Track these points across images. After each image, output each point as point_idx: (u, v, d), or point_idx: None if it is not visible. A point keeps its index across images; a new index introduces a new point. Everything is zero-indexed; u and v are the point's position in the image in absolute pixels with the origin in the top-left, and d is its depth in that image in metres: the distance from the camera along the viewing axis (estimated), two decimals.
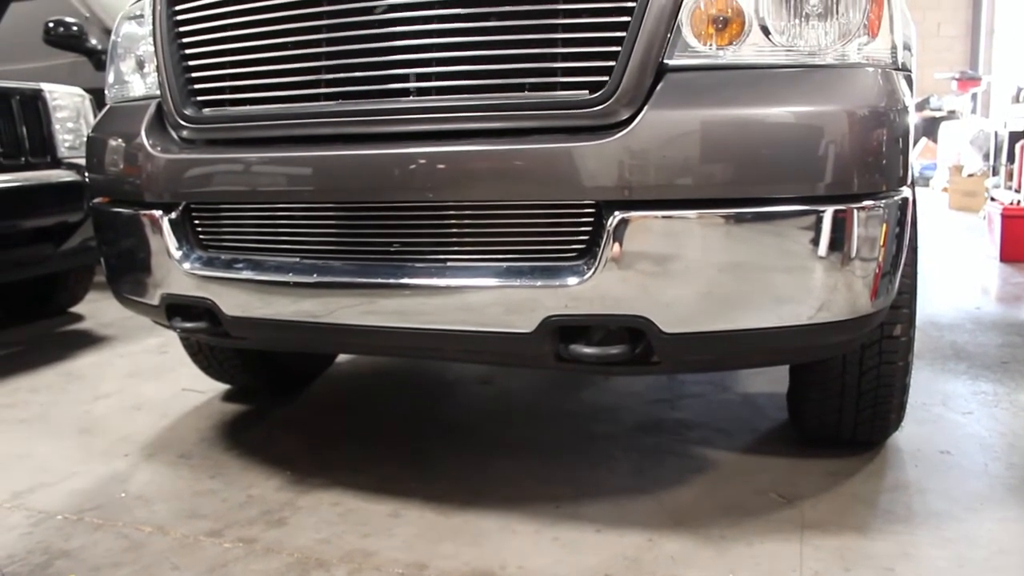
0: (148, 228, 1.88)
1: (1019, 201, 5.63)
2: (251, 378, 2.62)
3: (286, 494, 1.94)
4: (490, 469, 2.06)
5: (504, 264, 1.59)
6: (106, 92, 2.12)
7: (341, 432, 2.36)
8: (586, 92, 1.50)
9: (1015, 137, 7.22)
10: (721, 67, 1.50)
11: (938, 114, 11.09)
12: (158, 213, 1.86)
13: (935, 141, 10.40)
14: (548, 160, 1.50)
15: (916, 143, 9.86)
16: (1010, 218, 5.08)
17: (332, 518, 1.82)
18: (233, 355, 2.47)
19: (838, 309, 1.51)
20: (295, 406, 2.61)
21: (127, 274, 2.00)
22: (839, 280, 1.49)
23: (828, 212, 1.45)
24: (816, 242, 1.46)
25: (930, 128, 10.74)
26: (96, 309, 4.11)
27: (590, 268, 1.51)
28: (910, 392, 2.02)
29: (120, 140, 1.94)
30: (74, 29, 4.48)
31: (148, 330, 3.54)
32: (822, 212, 1.45)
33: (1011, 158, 7.23)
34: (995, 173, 7.93)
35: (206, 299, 1.83)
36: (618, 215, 1.48)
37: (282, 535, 1.74)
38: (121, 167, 1.94)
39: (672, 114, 1.46)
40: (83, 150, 2.23)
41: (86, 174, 2.15)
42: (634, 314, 1.52)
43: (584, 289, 1.51)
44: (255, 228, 1.82)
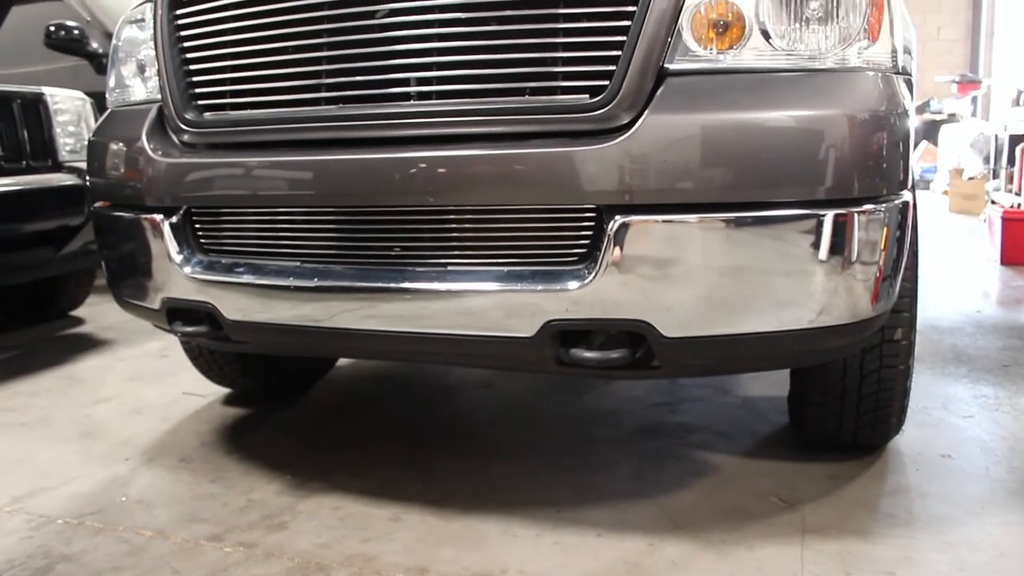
0: (149, 232, 1.88)
1: (1019, 204, 5.63)
2: (252, 382, 2.62)
3: (287, 498, 1.94)
4: (491, 473, 2.06)
5: (505, 268, 1.59)
6: (107, 96, 2.12)
7: (342, 436, 2.36)
8: (587, 96, 1.50)
9: (1015, 140, 7.20)
10: (721, 71, 1.51)
11: (938, 117, 11.08)
12: (159, 217, 1.86)
13: (935, 144, 10.39)
14: (549, 164, 1.50)
15: (916, 146, 9.86)
16: (1010, 221, 5.08)
17: (333, 522, 1.81)
18: (234, 359, 2.48)
19: (839, 313, 1.51)
20: (296, 410, 2.61)
21: (128, 278, 2.00)
22: (840, 284, 1.49)
23: (829, 216, 1.45)
24: (817, 246, 1.46)
25: (930, 131, 10.74)
26: (97, 313, 4.11)
27: (591, 272, 1.51)
28: (911, 396, 2.02)
29: (121, 144, 1.94)
30: (75, 33, 4.48)
31: (149, 334, 3.54)
32: (823, 216, 1.45)
33: (1011, 161, 7.22)
34: (995, 176, 7.91)
35: (207, 303, 1.83)
36: (619, 219, 1.48)
37: (283, 539, 1.74)
38: (122, 171, 1.94)
39: (673, 118, 1.46)
40: (84, 154, 2.23)
41: (87, 178, 2.15)
42: (635, 318, 1.52)
43: (585, 293, 1.51)
44: (256, 232, 1.83)
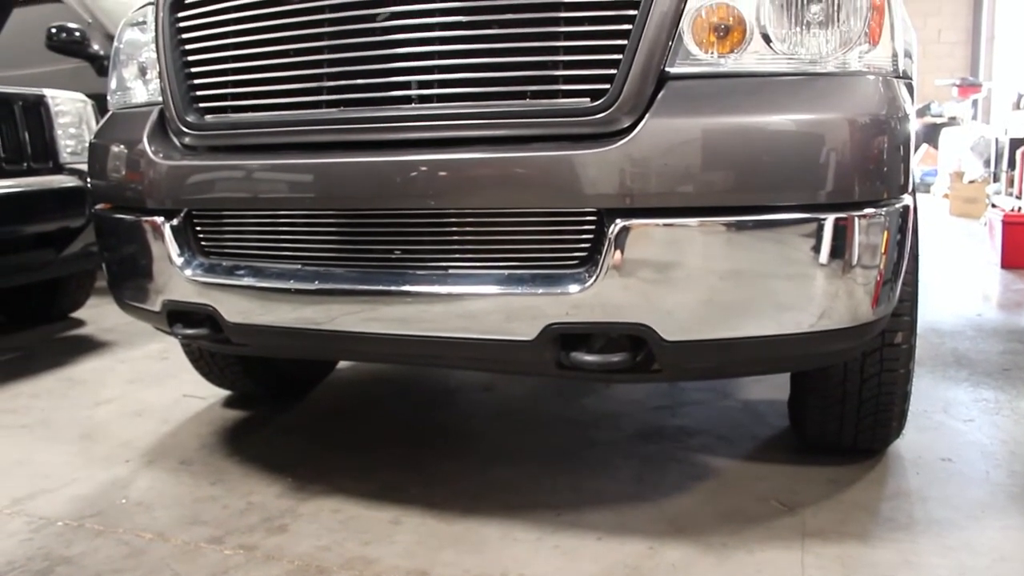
0: (150, 234, 1.89)
1: (1020, 208, 5.63)
2: (252, 384, 2.62)
3: (287, 501, 1.94)
4: (491, 476, 2.06)
5: (505, 272, 1.59)
6: (108, 98, 2.13)
7: (342, 439, 2.36)
8: (588, 100, 1.51)
9: (1016, 143, 7.21)
10: (722, 75, 1.51)
11: (939, 120, 11.09)
12: (160, 219, 1.87)
13: (936, 147, 10.39)
14: (549, 168, 1.51)
15: (917, 149, 9.83)
16: (1011, 224, 5.08)
17: (333, 525, 1.81)
18: (234, 361, 2.48)
19: (839, 317, 1.51)
20: (296, 412, 2.61)
21: (129, 280, 2.00)
22: (840, 288, 1.49)
23: (829, 220, 1.45)
24: (817, 250, 1.46)
25: (931, 134, 10.74)
26: (97, 315, 4.11)
27: (591, 276, 1.51)
28: (911, 399, 2.02)
29: (122, 146, 1.94)
30: (76, 35, 4.49)
31: (149, 336, 3.54)
32: (823, 220, 1.45)
33: (1012, 164, 7.23)
34: (996, 179, 7.92)
35: (207, 306, 1.83)
36: (619, 223, 1.48)
37: (283, 542, 1.74)
38: (123, 173, 1.94)
39: (673, 122, 1.47)
40: (85, 156, 2.23)
41: (88, 180, 2.15)
42: (635, 322, 1.52)
43: (585, 297, 1.51)
44: (257, 235, 1.83)
